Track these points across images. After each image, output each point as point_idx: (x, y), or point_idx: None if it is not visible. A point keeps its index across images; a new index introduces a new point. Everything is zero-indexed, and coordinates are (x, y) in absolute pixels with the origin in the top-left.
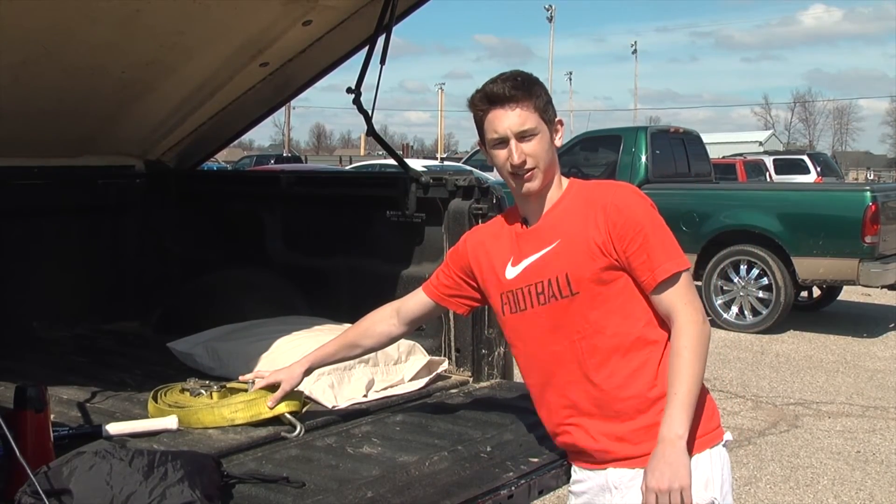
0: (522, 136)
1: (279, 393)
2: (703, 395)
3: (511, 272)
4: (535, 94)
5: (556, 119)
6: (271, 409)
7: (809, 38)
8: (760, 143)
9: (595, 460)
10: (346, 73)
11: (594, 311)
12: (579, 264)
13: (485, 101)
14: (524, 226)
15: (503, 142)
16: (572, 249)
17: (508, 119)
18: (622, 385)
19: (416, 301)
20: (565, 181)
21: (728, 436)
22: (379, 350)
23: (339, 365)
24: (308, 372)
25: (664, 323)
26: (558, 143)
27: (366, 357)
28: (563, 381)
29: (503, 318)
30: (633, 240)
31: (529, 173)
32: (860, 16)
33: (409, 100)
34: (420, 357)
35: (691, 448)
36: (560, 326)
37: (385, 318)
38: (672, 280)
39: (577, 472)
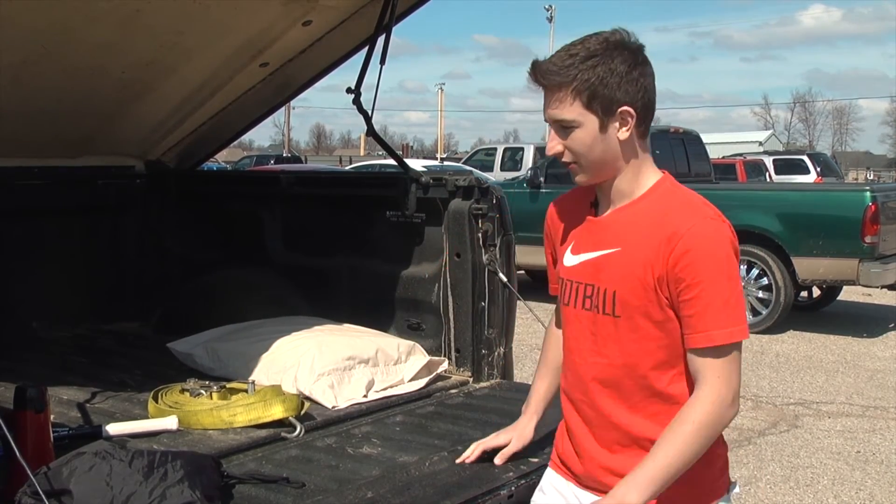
0: (561, 127)
1: (509, 451)
2: (715, 446)
3: (569, 259)
4: (582, 77)
5: (622, 108)
6: None
7: (809, 38)
8: (760, 144)
9: (580, 479)
10: (346, 73)
11: (631, 344)
12: (630, 288)
13: (532, 77)
14: (594, 211)
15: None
16: (628, 267)
17: (547, 104)
18: (632, 423)
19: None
20: (654, 177)
21: (735, 489)
22: None
23: (339, 365)
24: (539, 420)
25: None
26: (624, 135)
27: (366, 357)
28: (576, 398)
29: (560, 306)
30: (689, 288)
31: (571, 166)
32: (859, 16)
33: (408, 100)
34: (420, 357)
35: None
36: (595, 341)
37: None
38: (714, 350)
39: (554, 475)
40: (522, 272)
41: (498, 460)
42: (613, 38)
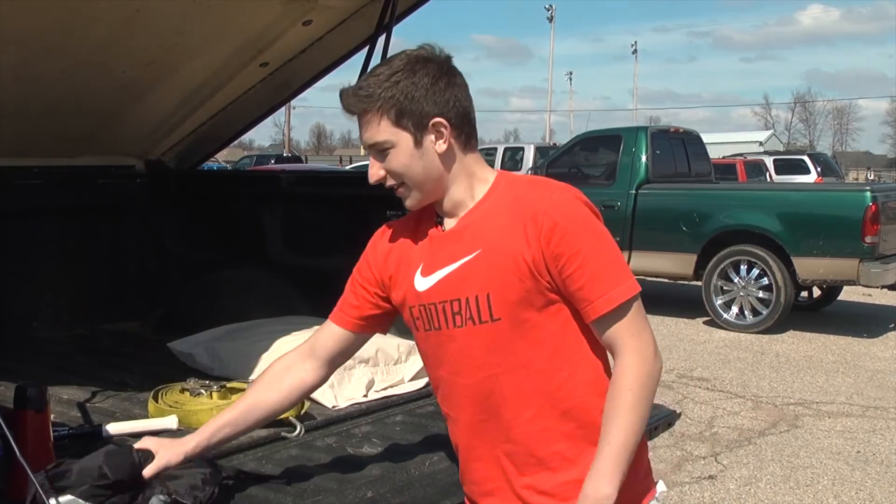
0: (378, 150)
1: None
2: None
3: (421, 283)
4: (386, 98)
5: (433, 121)
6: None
7: (808, 38)
8: (760, 143)
9: None
10: (346, 73)
11: (519, 340)
12: (503, 284)
13: (343, 108)
14: (439, 227)
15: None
16: (496, 264)
17: (361, 131)
18: (546, 430)
19: (328, 335)
20: (490, 175)
21: (661, 486)
22: (292, 406)
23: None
24: (194, 452)
25: (608, 370)
26: (441, 148)
27: (366, 357)
28: (475, 421)
29: (417, 336)
30: (570, 260)
31: (399, 190)
32: (858, 16)
33: None
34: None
35: None
36: (481, 356)
37: (294, 365)
38: (617, 311)
39: None
40: None
41: (146, 472)
42: (416, 54)
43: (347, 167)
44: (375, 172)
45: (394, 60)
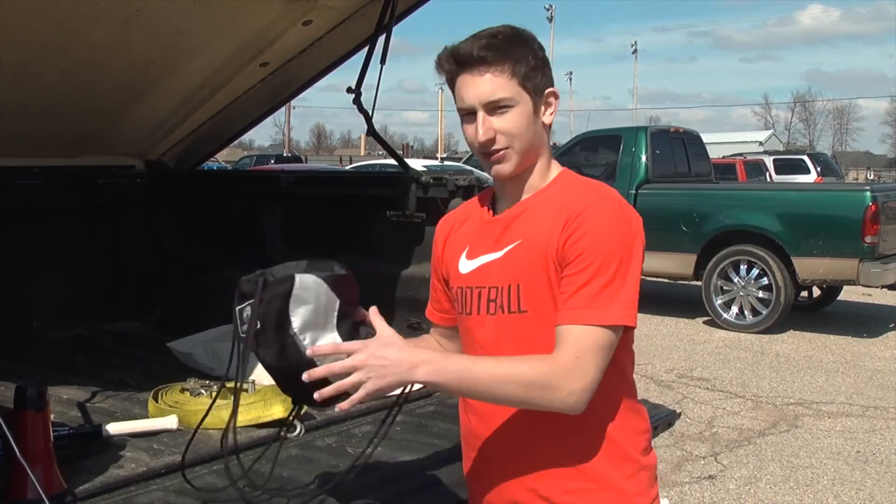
0: (494, 108)
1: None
2: (645, 462)
3: (465, 265)
4: (516, 55)
5: (548, 90)
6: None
7: (807, 38)
8: (760, 143)
9: None
10: (346, 73)
11: (543, 336)
12: (533, 278)
13: (451, 61)
14: (491, 212)
15: (471, 113)
16: (530, 257)
17: (477, 85)
18: (558, 435)
19: (435, 332)
20: (556, 169)
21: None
22: None
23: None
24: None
25: (626, 381)
26: (549, 119)
27: None
28: (494, 413)
29: (458, 318)
30: (575, 263)
31: (500, 153)
32: (857, 16)
33: (407, 100)
34: None
35: None
36: (502, 346)
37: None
38: (580, 328)
39: None
40: None
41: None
42: (524, 31)
43: (347, 167)
44: (486, 132)
45: (500, 29)
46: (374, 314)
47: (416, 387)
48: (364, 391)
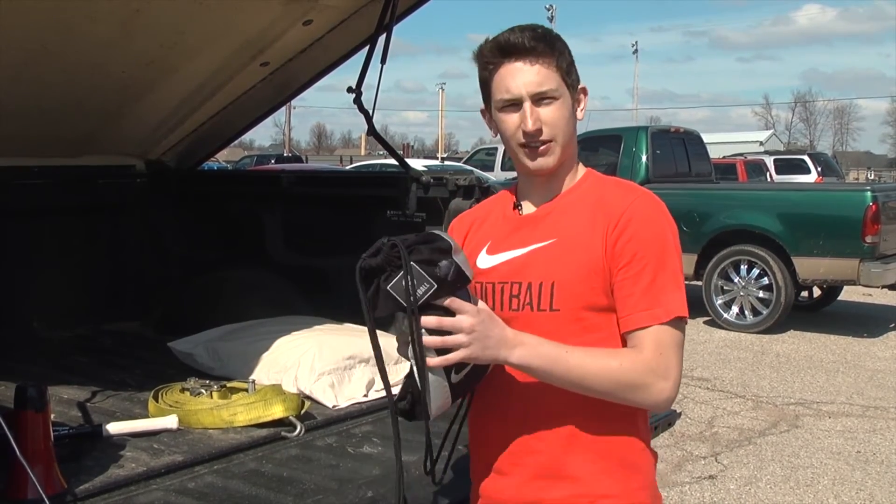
0: (540, 99)
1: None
2: (643, 483)
3: (484, 260)
4: (559, 49)
5: (581, 86)
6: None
7: (805, 37)
8: (761, 143)
9: None
10: (346, 73)
11: (571, 338)
12: (571, 277)
13: (497, 52)
14: (517, 211)
15: (515, 104)
16: (568, 256)
17: (525, 75)
18: (573, 440)
19: None
20: (582, 169)
21: None
22: None
23: (340, 365)
24: None
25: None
26: (580, 115)
27: (366, 357)
28: (511, 411)
29: None
30: (630, 265)
31: (545, 146)
32: (855, 15)
33: (407, 100)
34: None
35: None
36: None
37: None
38: (656, 328)
39: None
40: None
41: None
42: (554, 32)
43: (347, 167)
44: (535, 122)
45: (536, 27)
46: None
47: None
48: (462, 353)
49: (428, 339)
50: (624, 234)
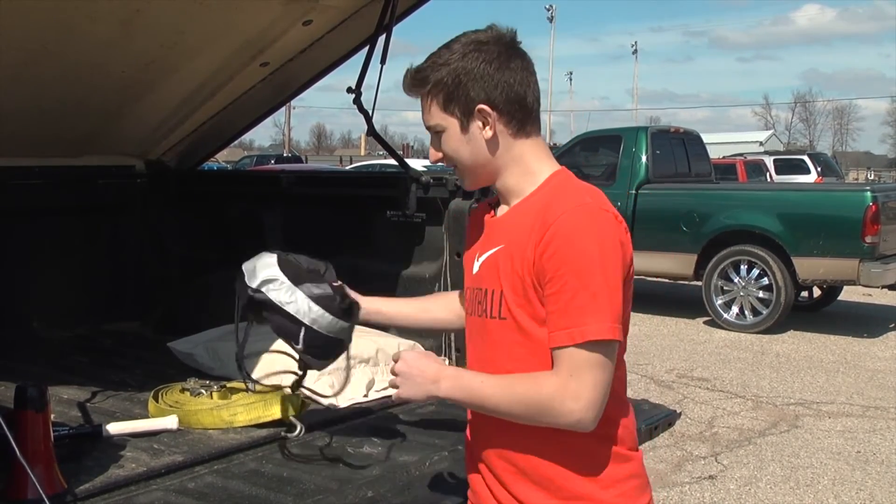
0: (433, 133)
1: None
2: (631, 472)
3: (475, 266)
4: (433, 80)
5: (476, 107)
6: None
7: (804, 37)
8: (761, 143)
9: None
10: (346, 73)
11: (517, 348)
12: (511, 286)
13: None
14: (494, 212)
15: None
16: (509, 264)
17: (422, 111)
18: (528, 447)
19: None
20: (544, 170)
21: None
22: (445, 326)
23: (340, 364)
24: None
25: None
26: (489, 133)
27: (366, 357)
28: (478, 414)
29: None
30: (554, 280)
31: (456, 171)
32: (854, 15)
33: (406, 100)
34: None
35: None
36: (484, 347)
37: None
38: (573, 348)
39: None
40: None
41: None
42: (474, 37)
43: (347, 167)
44: (434, 154)
45: (453, 43)
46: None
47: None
48: (397, 396)
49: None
50: (548, 248)
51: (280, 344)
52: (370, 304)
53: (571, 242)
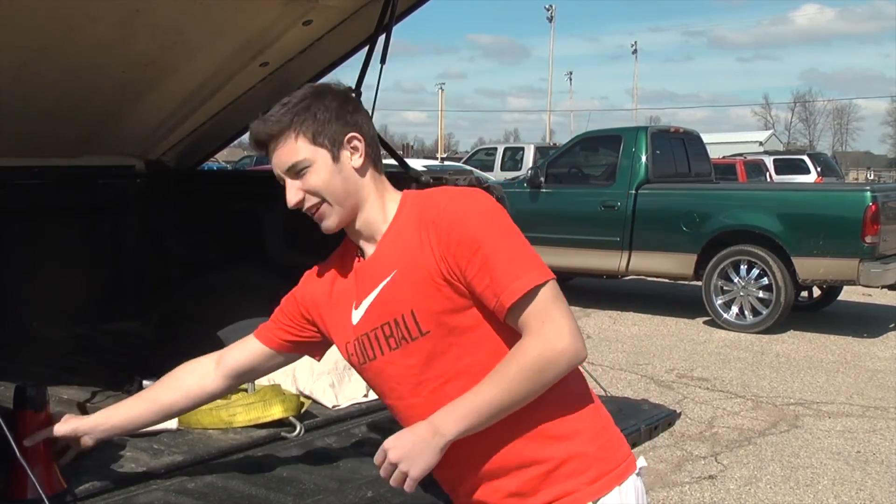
0: (295, 173)
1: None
2: (601, 425)
3: (355, 316)
4: (301, 120)
5: (348, 136)
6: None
7: (804, 37)
8: (760, 143)
9: None
10: (345, 73)
11: (454, 347)
12: (423, 297)
13: (255, 145)
14: (360, 258)
15: (284, 184)
16: (412, 280)
17: (274, 158)
18: (498, 436)
19: (244, 350)
20: (396, 199)
21: (642, 462)
22: (188, 409)
23: (340, 364)
24: (80, 436)
25: None
26: (358, 162)
27: None
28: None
29: (360, 373)
30: (472, 261)
31: (317, 211)
32: (854, 15)
33: (405, 100)
34: None
35: (596, 490)
36: (421, 370)
37: (199, 370)
38: (525, 300)
39: None
40: None
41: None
42: (318, 87)
43: None
44: (294, 195)
45: (297, 91)
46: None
47: None
48: (412, 479)
49: (391, 483)
50: (451, 239)
51: None
52: (85, 425)
53: (465, 222)
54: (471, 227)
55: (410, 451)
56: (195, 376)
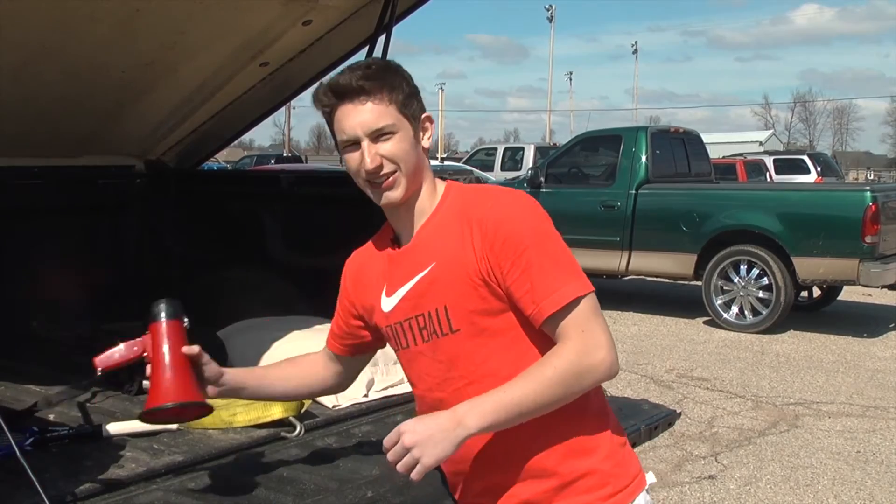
0: (377, 136)
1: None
2: (619, 441)
3: (387, 303)
4: (392, 84)
5: (424, 115)
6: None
7: (803, 37)
8: (760, 143)
9: None
10: None
11: (482, 349)
12: (458, 295)
13: (330, 94)
14: (396, 246)
15: (354, 143)
16: (449, 276)
17: (358, 115)
18: (516, 440)
19: (332, 356)
20: (442, 187)
21: (651, 478)
22: (308, 395)
23: None
24: (224, 383)
25: None
26: (427, 143)
27: None
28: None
29: (397, 355)
30: (515, 264)
31: (389, 179)
32: (853, 15)
33: None
34: None
35: None
36: (448, 368)
37: (324, 360)
38: (566, 310)
39: None
40: None
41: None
42: (389, 61)
43: None
44: (374, 159)
45: (371, 61)
46: None
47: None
48: (424, 463)
49: (398, 468)
50: (496, 240)
51: (280, 346)
52: (233, 378)
53: (511, 225)
54: (516, 230)
55: (428, 438)
56: (323, 367)
